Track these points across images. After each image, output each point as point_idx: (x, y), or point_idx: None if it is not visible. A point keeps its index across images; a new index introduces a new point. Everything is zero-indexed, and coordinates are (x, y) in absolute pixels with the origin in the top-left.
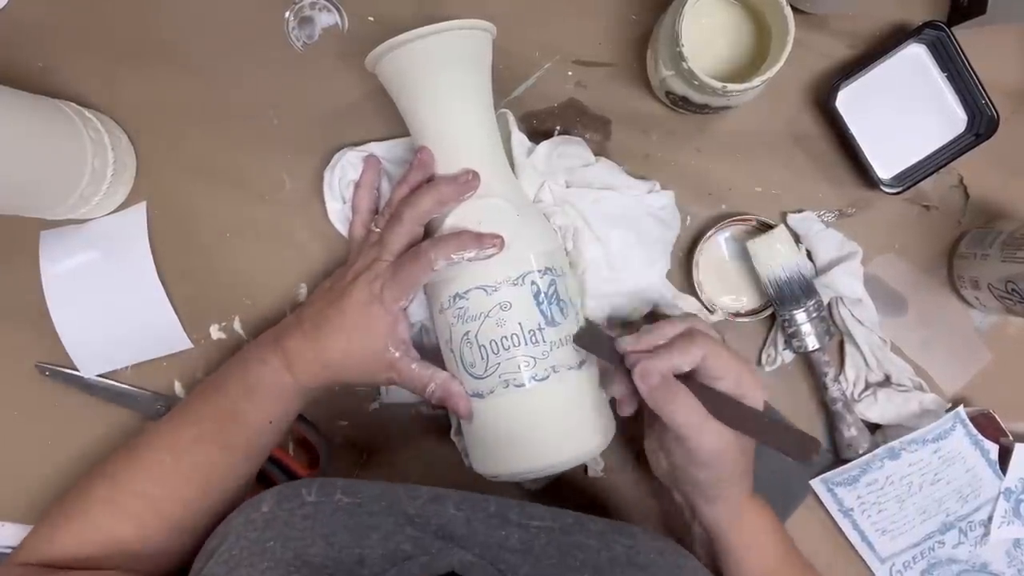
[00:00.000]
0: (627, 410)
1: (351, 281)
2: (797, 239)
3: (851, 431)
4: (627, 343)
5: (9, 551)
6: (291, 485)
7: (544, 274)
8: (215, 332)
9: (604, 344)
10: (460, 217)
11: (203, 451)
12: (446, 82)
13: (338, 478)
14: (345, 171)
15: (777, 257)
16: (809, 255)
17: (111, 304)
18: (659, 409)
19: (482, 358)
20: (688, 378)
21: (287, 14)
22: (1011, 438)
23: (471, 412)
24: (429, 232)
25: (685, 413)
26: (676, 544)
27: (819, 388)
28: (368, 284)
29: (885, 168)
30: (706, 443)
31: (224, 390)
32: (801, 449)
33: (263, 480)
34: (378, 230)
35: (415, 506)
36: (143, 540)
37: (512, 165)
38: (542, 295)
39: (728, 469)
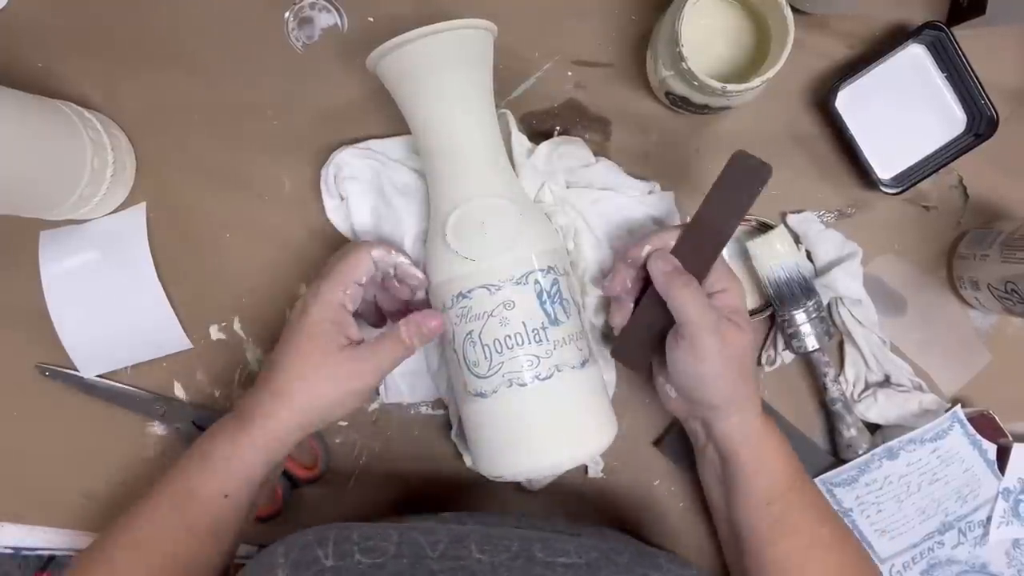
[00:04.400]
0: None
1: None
2: (797, 239)
3: (851, 431)
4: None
5: (9, 551)
6: (304, 544)
7: (547, 273)
8: (215, 332)
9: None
10: (464, 216)
11: (168, 539)
12: (448, 82)
13: (353, 526)
14: (340, 168)
15: (777, 257)
16: (809, 255)
17: (111, 304)
18: (671, 297)
19: (485, 357)
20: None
21: (287, 14)
22: (1010, 438)
23: (442, 326)
24: (432, 229)
25: (694, 305)
26: (703, 571)
27: (819, 388)
28: (302, 304)
29: (885, 168)
30: (709, 344)
31: (182, 466)
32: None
33: None
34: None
35: (436, 555)
36: None
37: (512, 165)
38: (545, 294)
39: (730, 382)
